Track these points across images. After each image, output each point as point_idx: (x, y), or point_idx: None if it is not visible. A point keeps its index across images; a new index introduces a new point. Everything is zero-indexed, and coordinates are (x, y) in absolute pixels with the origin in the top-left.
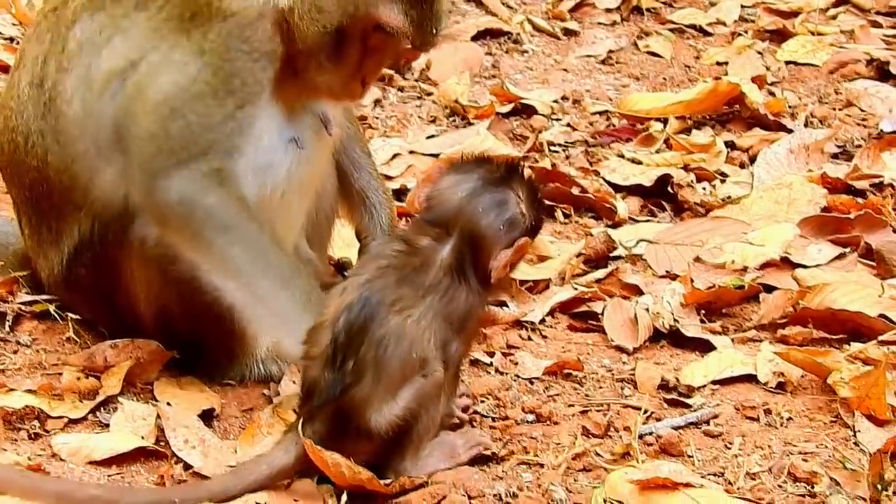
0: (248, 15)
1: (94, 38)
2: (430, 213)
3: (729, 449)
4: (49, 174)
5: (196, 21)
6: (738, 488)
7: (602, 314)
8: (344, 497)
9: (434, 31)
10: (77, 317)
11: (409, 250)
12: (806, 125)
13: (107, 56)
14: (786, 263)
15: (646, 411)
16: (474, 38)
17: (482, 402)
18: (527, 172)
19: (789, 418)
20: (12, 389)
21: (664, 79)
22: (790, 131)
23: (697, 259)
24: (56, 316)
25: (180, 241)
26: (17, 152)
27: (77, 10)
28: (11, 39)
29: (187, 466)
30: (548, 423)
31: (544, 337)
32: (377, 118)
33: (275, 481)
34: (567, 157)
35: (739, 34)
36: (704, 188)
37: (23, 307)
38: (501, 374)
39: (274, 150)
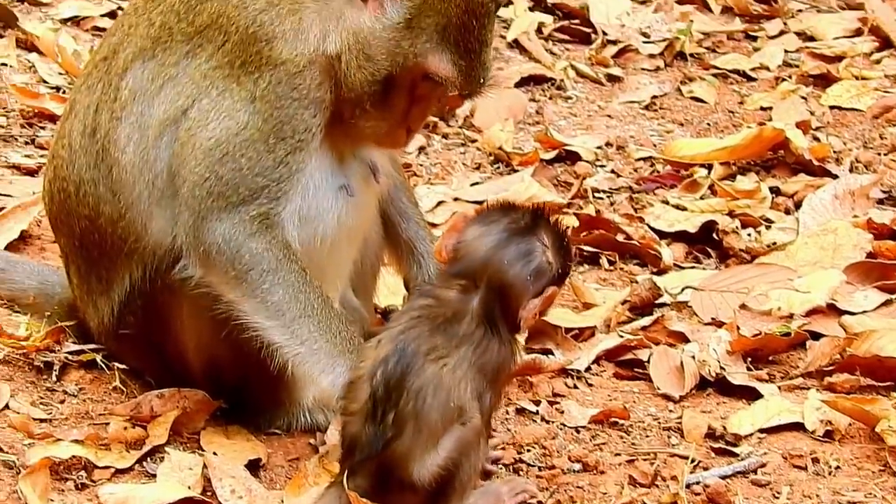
0: (298, 63)
1: (147, 86)
2: (456, 266)
3: (777, 498)
4: (101, 223)
5: (246, 69)
6: None
7: (648, 362)
8: None
9: (482, 80)
10: (123, 366)
11: (438, 303)
12: (851, 170)
13: (159, 104)
14: (832, 310)
15: (693, 460)
16: (518, 85)
17: (528, 450)
18: (552, 218)
19: (837, 467)
20: (59, 439)
21: (708, 124)
22: (835, 177)
23: (743, 306)
24: (102, 366)
25: (223, 282)
26: (67, 201)
27: (128, 59)
28: (58, 89)
29: None
30: (594, 472)
31: (590, 385)
32: (422, 165)
33: None
34: (611, 204)
35: (783, 79)
36: (749, 234)
37: (69, 357)
38: (547, 422)
39: (324, 197)
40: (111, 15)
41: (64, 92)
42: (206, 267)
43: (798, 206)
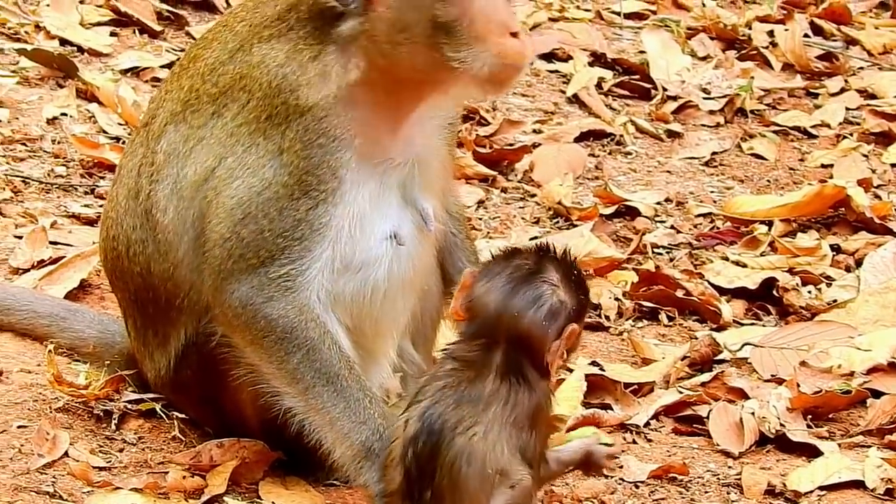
0: (324, 105)
1: (179, 148)
2: (473, 325)
3: None
4: (154, 281)
5: (273, 121)
6: None
7: (707, 418)
8: None
9: None
10: (183, 416)
11: (461, 366)
12: None
13: (191, 165)
14: (893, 368)
15: None
16: (577, 140)
17: None
18: (559, 253)
19: None
20: (118, 488)
21: (768, 181)
22: None
23: (803, 363)
24: (162, 415)
25: (243, 345)
26: (119, 260)
27: (162, 124)
28: (117, 139)
29: None
30: None
31: (649, 440)
32: (481, 219)
33: None
34: (671, 260)
35: (844, 136)
36: (810, 291)
37: (129, 406)
38: (606, 477)
39: (370, 246)
40: (170, 66)
41: (123, 142)
42: (225, 327)
43: (859, 263)
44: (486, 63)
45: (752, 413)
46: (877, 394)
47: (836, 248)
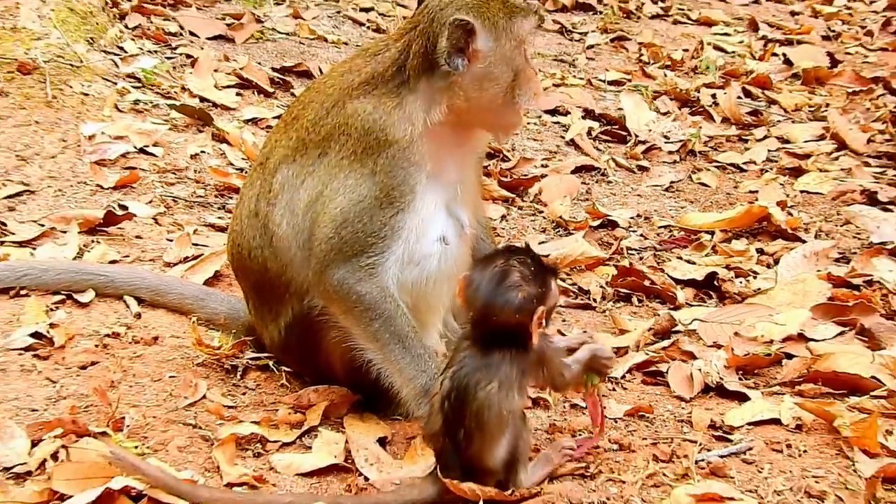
0: (408, 139)
1: (292, 181)
2: (472, 315)
3: (761, 473)
4: (269, 276)
5: (367, 152)
6: (768, 502)
7: (667, 373)
8: None
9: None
10: (289, 370)
11: (472, 342)
12: (816, 237)
13: (304, 191)
14: (801, 338)
15: (699, 444)
16: (573, 172)
17: (579, 434)
18: (522, 251)
19: (805, 451)
20: (242, 421)
21: (711, 202)
22: (804, 242)
23: (736, 334)
24: (273, 369)
25: (338, 313)
26: (242, 261)
27: (276, 163)
28: (241, 170)
29: (367, 478)
30: (628, 451)
31: (624, 389)
32: (503, 229)
33: None
34: (641, 259)
35: (766, 170)
36: (741, 282)
37: (250, 362)
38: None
39: (428, 245)
40: (279, 117)
41: (245, 172)
42: (325, 300)
43: (777, 262)
44: (529, 99)
45: (699, 369)
46: (789, 356)
47: (760, 251)
